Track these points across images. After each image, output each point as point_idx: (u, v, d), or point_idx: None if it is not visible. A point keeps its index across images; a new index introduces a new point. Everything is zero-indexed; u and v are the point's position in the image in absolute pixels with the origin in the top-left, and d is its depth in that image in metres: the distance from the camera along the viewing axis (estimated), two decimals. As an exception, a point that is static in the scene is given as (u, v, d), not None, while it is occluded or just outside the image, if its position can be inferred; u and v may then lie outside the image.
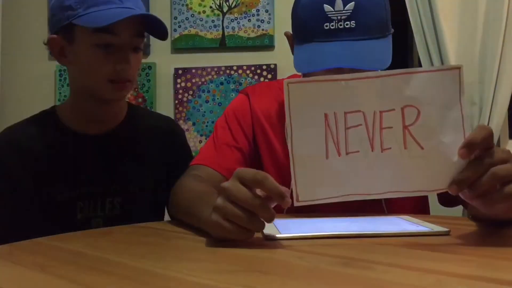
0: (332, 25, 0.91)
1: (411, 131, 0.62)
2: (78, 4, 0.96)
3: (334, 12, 0.91)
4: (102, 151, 1.07)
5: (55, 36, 1.01)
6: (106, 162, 1.06)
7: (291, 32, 1.01)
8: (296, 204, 0.61)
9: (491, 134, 0.61)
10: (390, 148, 0.62)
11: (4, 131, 1.08)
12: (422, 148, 0.62)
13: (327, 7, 0.91)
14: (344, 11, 0.91)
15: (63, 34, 1.00)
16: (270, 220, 0.62)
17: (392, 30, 0.97)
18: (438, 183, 0.63)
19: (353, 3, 0.91)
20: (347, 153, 0.62)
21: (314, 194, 0.62)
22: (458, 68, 0.61)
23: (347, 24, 0.91)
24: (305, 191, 0.62)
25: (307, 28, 0.94)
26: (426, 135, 0.62)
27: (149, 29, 1.03)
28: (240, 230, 0.63)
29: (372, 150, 0.62)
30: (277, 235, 0.68)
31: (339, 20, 0.91)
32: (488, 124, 2.15)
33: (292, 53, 1.03)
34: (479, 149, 0.61)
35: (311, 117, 0.61)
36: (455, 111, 0.61)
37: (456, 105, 0.61)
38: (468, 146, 0.60)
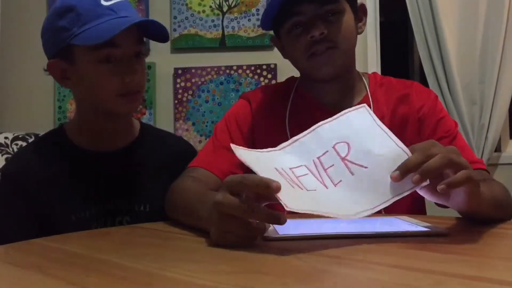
0: None
1: (349, 159, 0.70)
2: (71, 24, 0.93)
3: None
4: (111, 169, 1.04)
5: (53, 60, 0.98)
6: (114, 180, 1.04)
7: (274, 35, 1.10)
8: (286, 209, 0.62)
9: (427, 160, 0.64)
10: (341, 180, 0.69)
11: (14, 158, 1.08)
12: (365, 167, 0.69)
13: None
14: None
15: (62, 57, 0.97)
16: (266, 220, 0.63)
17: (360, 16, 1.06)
18: (391, 190, 0.67)
19: None
20: (308, 190, 0.67)
21: (299, 204, 0.63)
22: (362, 106, 0.75)
23: None
24: (289, 201, 0.62)
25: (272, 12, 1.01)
26: (363, 157, 0.70)
27: (148, 33, 1.00)
28: (241, 238, 0.64)
29: (327, 188, 0.68)
30: (276, 236, 0.68)
31: None
32: (488, 124, 2.15)
33: (283, 55, 1.11)
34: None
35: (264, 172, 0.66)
36: (377, 131, 0.71)
37: (375, 128, 0.72)
38: (402, 171, 0.64)
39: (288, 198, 0.61)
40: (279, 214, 0.62)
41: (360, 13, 1.08)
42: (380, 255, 0.58)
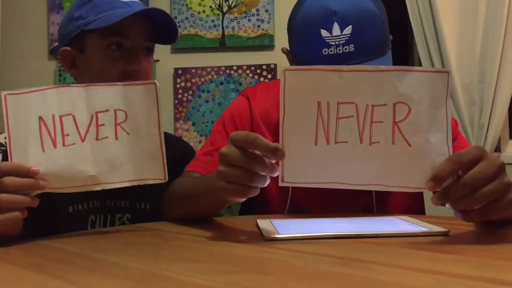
0: (331, 50, 0.89)
1: (400, 127, 0.64)
2: (88, 13, 0.99)
3: (331, 37, 0.89)
4: None
5: (67, 48, 1.03)
6: None
7: (288, 48, 1.01)
8: (280, 184, 0.64)
9: (460, 166, 0.62)
10: (379, 142, 0.65)
11: None
12: (409, 145, 0.64)
13: (324, 32, 0.89)
14: (342, 36, 0.89)
15: (75, 45, 1.02)
16: (271, 172, 0.65)
17: (391, 38, 0.96)
18: (420, 182, 0.65)
19: (350, 26, 0.89)
20: (335, 142, 0.64)
21: (298, 177, 0.65)
22: (447, 72, 0.65)
23: (346, 49, 0.89)
24: (290, 173, 0.64)
25: (305, 53, 0.93)
26: (414, 133, 0.64)
27: (157, 36, 1.04)
28: (245, 188, 0.66)
29: (361, 142, 0.65)
30: (276, 236, 0.68)
31: (338, 45, 0.89)
32: (488, 124, 2.15)
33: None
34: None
35: (304, 104, 0.65)
36: (441, 113, 0.65)
37: (442, 107, 0.65)
38: (435, 180, 0.62)
39: (290, 168, 0.63)
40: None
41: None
42: (380, 255, 0.58)
